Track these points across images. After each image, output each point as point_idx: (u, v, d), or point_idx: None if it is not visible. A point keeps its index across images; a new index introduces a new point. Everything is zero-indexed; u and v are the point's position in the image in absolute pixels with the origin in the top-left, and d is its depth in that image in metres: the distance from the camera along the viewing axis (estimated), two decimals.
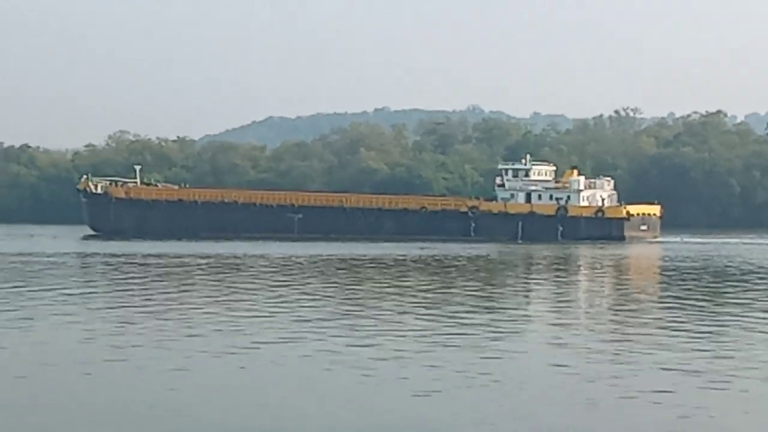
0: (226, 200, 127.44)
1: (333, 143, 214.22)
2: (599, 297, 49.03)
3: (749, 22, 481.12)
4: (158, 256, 75.09)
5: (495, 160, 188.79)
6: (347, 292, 46.99)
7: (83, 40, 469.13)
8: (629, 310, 40.34)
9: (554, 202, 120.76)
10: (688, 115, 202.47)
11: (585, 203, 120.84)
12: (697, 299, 44.94)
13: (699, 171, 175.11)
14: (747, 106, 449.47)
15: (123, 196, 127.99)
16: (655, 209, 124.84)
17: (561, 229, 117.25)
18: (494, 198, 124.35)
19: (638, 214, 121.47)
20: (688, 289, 50.14)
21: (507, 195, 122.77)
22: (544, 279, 58.60)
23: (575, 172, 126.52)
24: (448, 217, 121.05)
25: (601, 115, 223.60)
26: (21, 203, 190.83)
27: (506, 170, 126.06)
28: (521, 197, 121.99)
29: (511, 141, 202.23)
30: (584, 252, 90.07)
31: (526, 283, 55.83)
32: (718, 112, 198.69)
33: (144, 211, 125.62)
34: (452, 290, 48.65)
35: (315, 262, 69.02)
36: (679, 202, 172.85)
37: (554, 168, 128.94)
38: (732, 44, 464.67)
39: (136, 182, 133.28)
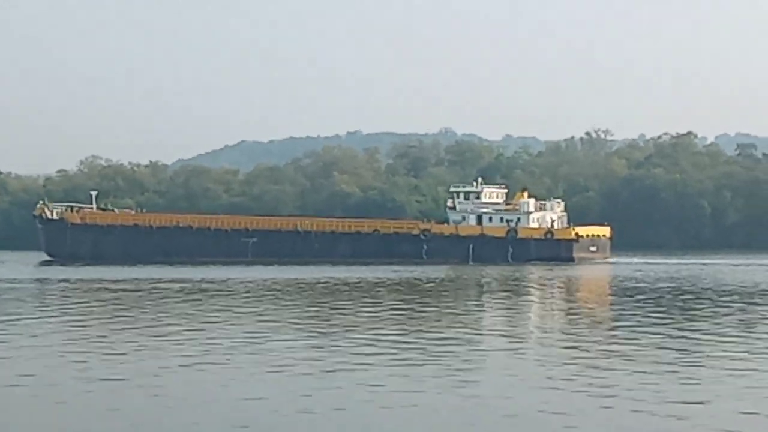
0: (180, 225, 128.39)
1: (306, 167, 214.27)
2: (538, 319, 49.50)
3: (719, 45, 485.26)
4: (113, 281, 75.25)
5: (468, 182, 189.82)
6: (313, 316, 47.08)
7: (54, 65, 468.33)
8: (575, 333, 40.81)
9: (505, 224, 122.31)
10: (659, 137, 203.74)
11: (535, 225, 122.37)
12: (633, 319, 45.73)
13: (670, 192, 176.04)
14: (717, 127, 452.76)
15: (78, 221, 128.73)
16: (604, 231, 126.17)
17: (511, 250, 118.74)
18: (446, 220, 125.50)
19: (587, 236, 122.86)
20: (628, 309, 51.16)
21: (458, 217, 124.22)
22: (489, 302, 59.08)
23: (525, 194, 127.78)
24: (401, 240, 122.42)
25: (572, 137, 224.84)
26: None
27: (458, 193, 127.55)
28: (472, 219, 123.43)
29: (484, 163, 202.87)
30: (525, 274, 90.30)
31: (474, 307, 55.64)
32: (689, 133, 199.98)
33: (99, 237, 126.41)
34: (392, 314, 48.91)
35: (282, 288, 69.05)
36: (651, 224, 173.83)
37: (506, 190, 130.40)
38: (702, 66, 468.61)
39: (92, 208, 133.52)
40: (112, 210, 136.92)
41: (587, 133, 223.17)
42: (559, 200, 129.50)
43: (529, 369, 30.73)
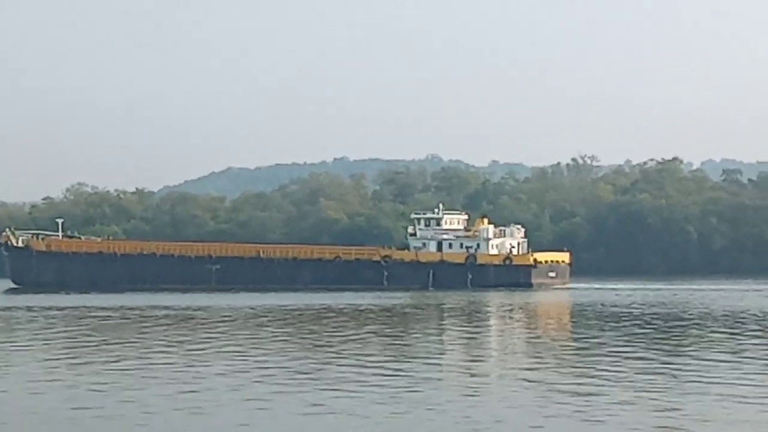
0: (144, 252, 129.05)
1: (292, 193, 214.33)
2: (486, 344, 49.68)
3: (704, 71, 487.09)
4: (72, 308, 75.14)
5: (455, 208, 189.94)
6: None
7: (38, 92, 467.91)
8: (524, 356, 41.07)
9: (464, 250, 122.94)
10: (645, 163, 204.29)
11: (494, 251, 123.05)
12: (574, 343, 46.81)
13: (656, 218, 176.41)
14: (703, 153, 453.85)
15: (44, 249, 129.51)
16: (564, 256, 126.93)
17: (470, 276, 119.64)
18: (407, 247, 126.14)
19: (546, 262, 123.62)
20: (576, 334, 52.62)
21: (419, 244, 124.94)
22: (437, 330, 59.26)
23: (485, 220, 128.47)
24: (362, 266, 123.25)
25: (558, 163, 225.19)
26: None
27: (419, 219, 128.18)
28: (433, 246, 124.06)
29: (470, 189, 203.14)
30: (475, 299, 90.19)
31: (429, 334, 55.57)
32: (675, 159, 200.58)
33: (64, 264, 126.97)
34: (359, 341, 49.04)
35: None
36: (637, 249, 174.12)
37: (466, 217, 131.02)
38: (687, 92, 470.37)
39: (58, 236, 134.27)
40: (79, 237, 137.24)
41: (574, 159, 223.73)
42: (519, 226, 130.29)
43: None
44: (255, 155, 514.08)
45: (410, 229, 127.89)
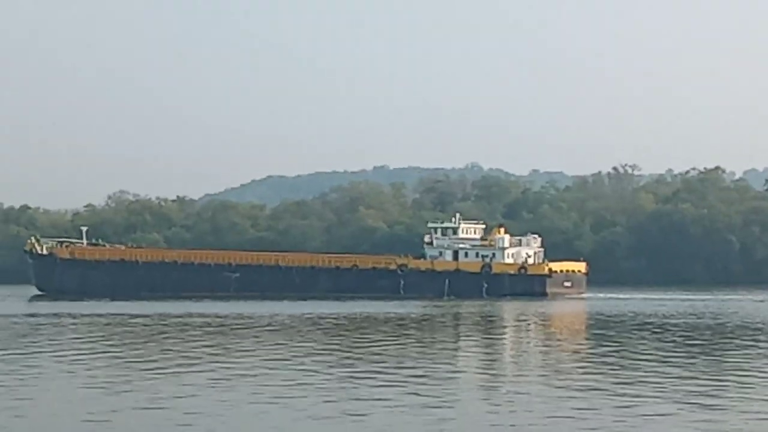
0: (165, 260, 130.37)
1: (332, 202, 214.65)
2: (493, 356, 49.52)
3: (747, 78, 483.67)
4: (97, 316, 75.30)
5: (495, 217, 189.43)
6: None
7: (83, 100, 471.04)
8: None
9: (480, 259, 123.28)
10: (687, 172, 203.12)
11: (510, 260, 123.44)
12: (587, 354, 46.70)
13: (698, 227, 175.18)
14: (745, 162, 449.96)
15: (67, 256, 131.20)
16: (580, 266, 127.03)
17: (486, 285, 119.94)
18: (423, 256, 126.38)
19: (561, 271, 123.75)
20: (587, 345, 52.54)
21: (435, 253, 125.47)
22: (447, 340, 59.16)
23: (502, 230, 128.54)
24: (379, 275, 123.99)
25: (599, 172, 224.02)
26: (21, 264, 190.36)
27: (435, 228, 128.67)
28: (449, 255, 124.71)
29: (510, 198, 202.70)
30: (481, 310, 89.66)
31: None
32: (717, 168, 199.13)
33: (87, 272, 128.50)
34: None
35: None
36: (679, 259, 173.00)
37: (483, 226, 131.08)
38: (730, 101, 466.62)
39: (82, 243, 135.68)
40: (103, 245, 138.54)
41: (614, 168, 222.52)
42: (535, 236, 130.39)
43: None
44: (295, 163, 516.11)
45: (426, 238, 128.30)
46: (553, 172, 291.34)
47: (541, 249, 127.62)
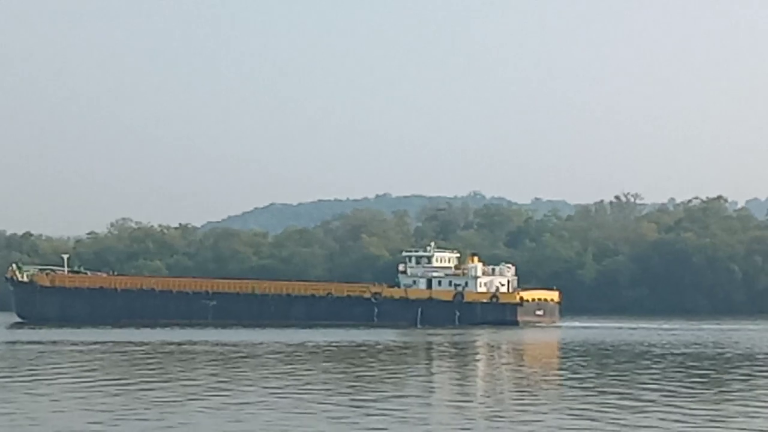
0: (144, 287, 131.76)
1: (335, 229, 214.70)
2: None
3: (750, 109, 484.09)
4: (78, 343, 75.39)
5: (497, 245, 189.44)
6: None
7: (85, 128, 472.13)
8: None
9: (453, 288, 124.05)
10: (689, 201, 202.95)
11: (483, 289, 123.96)
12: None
13: (701, 257, 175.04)
14: (747, 191, 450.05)
15: (47, 284, 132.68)
16: (552, 295, 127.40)
17: (458, 314, 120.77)
18: (397, 284, 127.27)
19: (533, 300, 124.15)
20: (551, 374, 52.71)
21: (409, 281, 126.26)
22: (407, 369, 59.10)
23: (475, 258, 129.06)
24: (353, 303, 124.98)
25: (602, 201, 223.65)
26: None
27: (410, 257, 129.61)
28: (422, 283, 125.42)
29: (513, 227, 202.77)
30: (447, 339, 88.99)
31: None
32: (719, 197, 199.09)
33: (67, 299, 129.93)
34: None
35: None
36: (681, 288, 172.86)
37: (458, 255, 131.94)
38: (732, 131, 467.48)
39: (63, 270, 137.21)
40: (85, 273, 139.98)
41: (617, 197, 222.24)
42: (509, 265, 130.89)
43: None
44: (297, 191, 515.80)
45: (401, 267, 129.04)
46: (555, 201, 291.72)
47: (515, 278, 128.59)
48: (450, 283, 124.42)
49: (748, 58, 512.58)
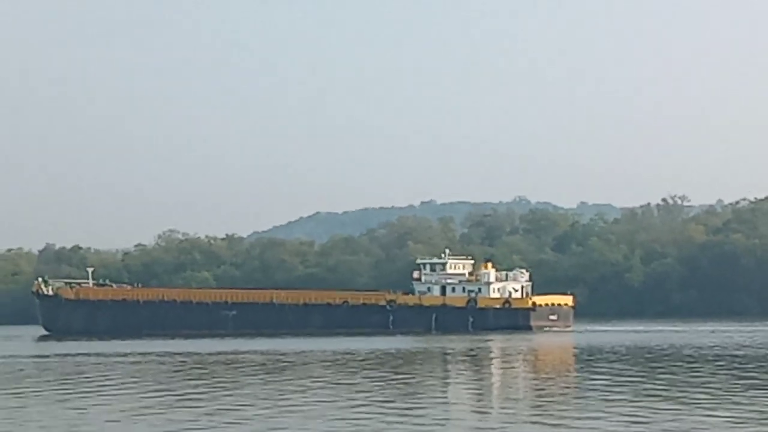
0: (165, 299, 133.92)
1: (380, 237, 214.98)
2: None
3: None
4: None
5: (544, 250, 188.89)
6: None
7: (132, 142, 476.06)
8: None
9: (466, 294, 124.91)
10: (737, 202, 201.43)
11: (496, 295, 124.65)
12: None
13: (750, 258, 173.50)
14: None
15: (72, 297, 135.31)
16: (566, 299, 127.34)
17: (471, 320, 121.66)
18: (412, 291, 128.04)
19: (546, 305, 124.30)
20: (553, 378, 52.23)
21: (423, 288, 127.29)
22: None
23: (489, 265, 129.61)
24: (369, 311, 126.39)
25: (648, 204, 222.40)
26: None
27: (424, 264, 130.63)
28: (436, 290, 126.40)
29: (559, 231, 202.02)
30: (461, 345, 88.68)
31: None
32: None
33: (91, 311, 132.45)
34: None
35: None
36: (730, 290, 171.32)
37: (472, 262, 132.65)
38: None
39: (88, 283, 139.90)
40: (110, 285, 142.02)
41: (664, 200, 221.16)
42: (523, 270, 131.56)
43: None
44: (343, 200, 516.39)
45: (415, 274, 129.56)
46: (601, 205, 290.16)
47: (529, 283, 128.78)
48: (464, 290, 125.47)
49: None
